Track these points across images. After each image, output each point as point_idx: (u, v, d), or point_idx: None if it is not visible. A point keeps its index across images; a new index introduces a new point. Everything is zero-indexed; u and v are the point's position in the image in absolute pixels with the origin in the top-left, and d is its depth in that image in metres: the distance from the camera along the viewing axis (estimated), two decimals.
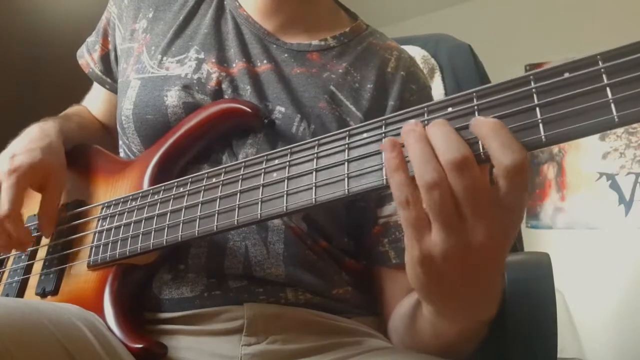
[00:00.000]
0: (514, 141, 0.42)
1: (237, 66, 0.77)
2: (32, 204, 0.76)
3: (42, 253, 0.77)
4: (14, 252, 0.79)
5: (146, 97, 0.75)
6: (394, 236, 0.73)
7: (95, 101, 0.99)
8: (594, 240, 2.85)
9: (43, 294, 0.72)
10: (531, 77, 0.44)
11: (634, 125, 2.79)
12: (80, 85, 0.99)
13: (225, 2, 0.83)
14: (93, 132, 0.93)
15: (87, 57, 0.94)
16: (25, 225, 0.77)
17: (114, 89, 0.91)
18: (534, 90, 0.43)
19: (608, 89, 0.40)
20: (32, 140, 0.76)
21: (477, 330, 0.56)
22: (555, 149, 3.03)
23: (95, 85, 0.97)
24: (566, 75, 0.42)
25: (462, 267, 0.45)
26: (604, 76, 0.41)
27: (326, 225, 0.73)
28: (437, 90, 1.07)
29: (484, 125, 0.43)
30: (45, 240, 0.77)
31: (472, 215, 0.42)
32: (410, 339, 0.66)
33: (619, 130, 2.82)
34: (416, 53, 1.10)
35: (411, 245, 0.45)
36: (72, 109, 0.98)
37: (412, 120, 0.46)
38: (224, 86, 0.75)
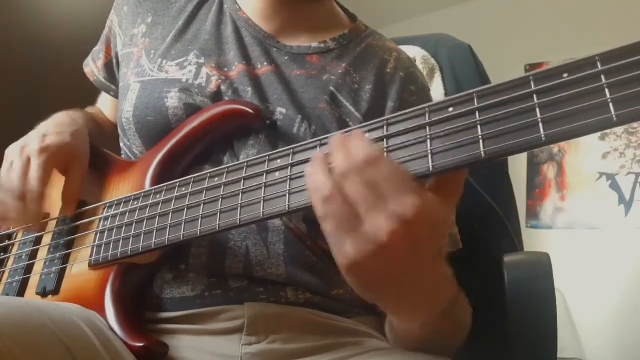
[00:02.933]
0: (358, 142, 0.47)
1: (237, 69, 0.77)
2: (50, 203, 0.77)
3: (42, 253, 0.77)
4: (19, 238, 0.80)
5: (146, 99, 0.76)
6: None
7: (103, 107, 1.01)
8: (594, 240, 2.86)
9: (44, 294, 0.72)
10: (531, 77, 0.44)
11: (634, 125, 2.80)
12: (82, 85, 0.99)
13: (225, 6, 0.84)
14: (108, 135, 0.95)
15: (92, 66, 0.96)
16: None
17: (118, 96, 0.91)
18: (534, 90, 0.44)
19: (607, 89, 0.41)
20: (61, 124, 0.79)
21: (441, 321, 0.56)
22: (555, 149, 3.03)
23: (103, 92, 0.99)
24: (565, 76, 0.43)
25: (387, 268, 0.46)
26: (602, 77, 0.41)
27: None
28: (437, 91, 1.07)
29: (332, 143, 0.48)
30: (46, 240, 0.78)
31: (367, 214, 0.44)
32: (394, 337, 0.67)
33: (619, 130, 2.83)
34: (416, 53, 1.10)
35: (336, 258, 0.48)
36: (90, 109, 1.00)
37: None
38: (223, 89, 0.75)
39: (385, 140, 0.50)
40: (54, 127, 0.78)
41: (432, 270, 0.49)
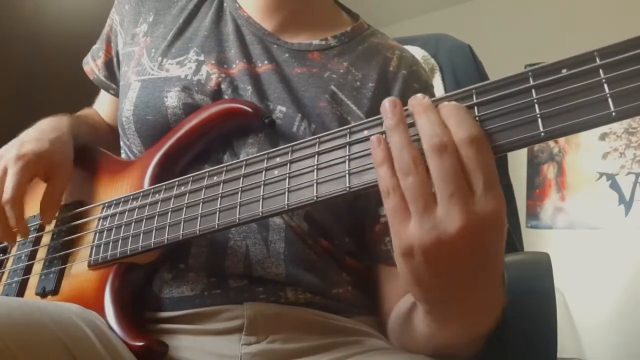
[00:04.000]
0: (466, 116, 0.43)
1: (237, 67, 0.77)
2: (34, 205, 0.76)
3: (42, 253, 0.77)
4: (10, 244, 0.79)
5: (146, 98, 0.76)
6: None
7: (102, 105, 1.00)
8: (594, 240, 2.85)
9: (43, 294, 0.72)
10: (530, 73, 0.44)
11: (634, 125, 2.80)
12: (83, 84, 0.99)
13: (225, 4, 0.84)
14: (103, 135, 0.94)
15: (92, 64, 0.95)
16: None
17: (118, 94, 0.91)
18: (532, 86, 0.44)
19: (605, 84, 0.41)
20: (42, 132, 0.77)
21: (472, 342, 0.55)
22: (555, 148, 3.03)
23: (102, 90, 0.98)
24: (564, 71, 0.43)
25: (445, 265, 0.44)
26: (601, 72, 0.41)
27: (327, 225, 0.73)
28: (438, 90, 1.08)
29: (442, 107, 0.45)
30: (45, 241, 0.78)
31: (447, 199, 0.42)
32: (405, 336, 0.65)
33: (619, 130, 2.83)
34: (416, 53, 1.10)
35: (393, 237, 0.46)
36: (84, 111, 0.99)
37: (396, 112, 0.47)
38: (223, 87, 0.75)
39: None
40: (34, 134, 0.76)
41: (488, 280, 0.47)
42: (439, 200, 0.42)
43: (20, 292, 0.75)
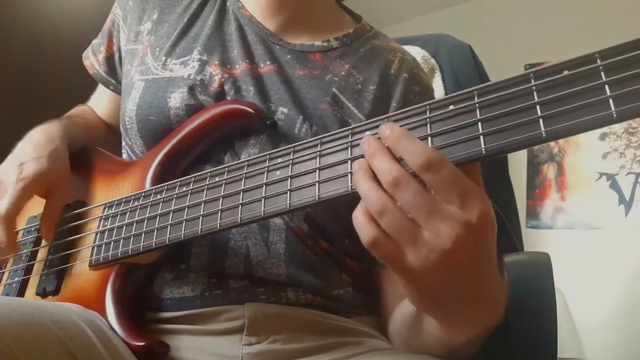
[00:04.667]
0: (413, 143, 0.45)
1: (240, 67, 0.77)
2: (35, 205, 0.76)
3: (42, 254, 0.77)
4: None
5: (149, 98, 0.75)
6: None
7: (99, 102, 0.99)
8: (594, 240, 2.85)
9: (44, 294, 0.72)
10: (531, 74, 0.45)
11: (634, 125, 2.80)
12: (83, 83, 0.99)
13: (227, 3, 0.84)
14: (98, 134, 0.93)
15: (92, 59, 0.94)
16: (26, 227, 0.77)
17: (117, 90, 0.91)
18: (534, 87, 0.44)
19: (606, 85, 0.41)
20: (38, 147, 0.76)
21: (484, 335, 0.55)
22: (555, 149, 3.03)
23: (100, 86, 0.97)
24: (565, 72, 0.43)
25: (446, 276, 0.45)
26: (602, 73, 0.41)
27: (327, 226, 0.73)
28: (438, 91, 1.07)
29: (387, 139, 0.46)
30: (45, 241, 0.77)
31: (426, 221, 0.43)
32: (413, 339, 0.65)
33: (619, 131, 2.83)
34: (416, 53, 1.10)
35: (396, 274, 0.47)
36: (77, 110, 0.98)
37: (357, 162, 0.48)
38: (226, 87, 0.75)
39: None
40: (32, 152, 0.75)
41: (489, 274, 0.48)
42: (422, 224, 0.43)
43: (21, 292, 0.75)
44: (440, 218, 0.43)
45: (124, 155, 0.83)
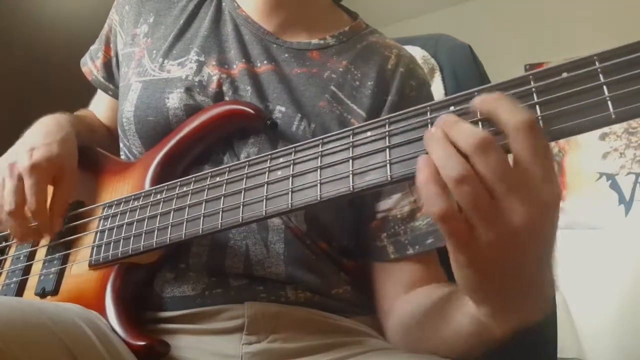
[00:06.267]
0: (516, 104, 0.42)
1: (238, 67, 0.77)
2: None
3: (41, 254, 0.77)
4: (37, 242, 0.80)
5: (147, 99, 0.76)
6: (393, 230, 0.73)
7: (99, 107, 0.99)
8: (594, 240, 2.85)
9: (43, 294, 0.72)
10: (531, 76, 0.45)
11: (634, 125, 2.80)
12: (81, 88, 0.99)
13: (223, 4, 0.84)
14: (100, 135, 0.94)
15: (90, 65, 0.95)
16: None
17: (116, 95, 0.91)
18: (533, 89, 0.44)
19: (605, 87, 0.41)
20: (48, 133, 0.77)
21: (523, 328, 0.52)
22: (555, 149, 3.03)
23: (100, 91, 0.97)
24: (564, 74, 0.43)
25: (510, 256, 0.43)
26: (600, 75, 0.42)
27: (327, 226, 0.73)
28: (437, 91, 1.07)
29: (485, 100, 0.44)
30: (44, 241, 0.77)
31: (506, 195, 0.41)
32: (427, 334, 0.64)
33: (619, 131, 2.83)
34: (416, 53, 1.10)
35: (455, 252, 0.44)
36: (81, 112, 0.98)
37: (432, 129, 0.45)
38: (224, 88, 0.75)
39: (386, 137, 0.49)
40: (42, 138, 0.75)
41: (548, 263, 0.46)
42: (500, 197, 0.41)
43: (19, 293, 0.75)
44: (522, 192, 0.40)
45: (122, 157, 0.83)
